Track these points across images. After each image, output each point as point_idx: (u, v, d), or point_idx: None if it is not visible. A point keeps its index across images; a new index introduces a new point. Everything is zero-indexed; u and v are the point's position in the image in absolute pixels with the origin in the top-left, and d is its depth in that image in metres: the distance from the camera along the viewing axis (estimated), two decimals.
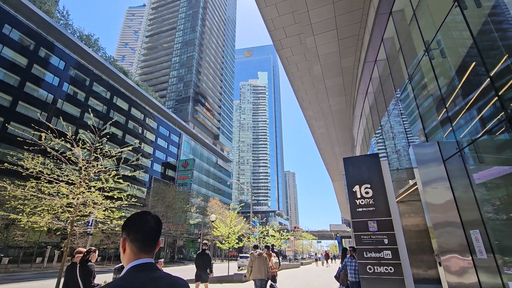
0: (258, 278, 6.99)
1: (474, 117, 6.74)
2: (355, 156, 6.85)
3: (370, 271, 5.02)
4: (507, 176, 5.97)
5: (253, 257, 7.26)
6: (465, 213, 7.01)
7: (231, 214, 17.84)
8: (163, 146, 55.61)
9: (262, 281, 7.02)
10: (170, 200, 42.45)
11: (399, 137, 14.20)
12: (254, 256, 7.23)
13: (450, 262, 6.89)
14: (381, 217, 5.24)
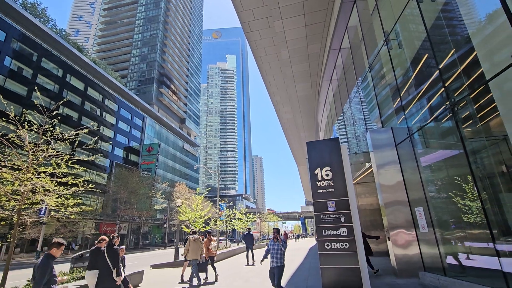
0: (193, 259, 8.22)
1: (424, 106, 7.35)
2: (318, 140, 7.12)
3: (327, 248, 5.38)
4: (448, 159, 6.68)
5: (189, 241, 8.37)
6: (411, 192, 7.77)
7: (198, 198, 17.72)
8: (125, 130, 52.51)
9: (196, 261, 8.28)
10: (134, 185, 40.77)
11: (358, 123, 15.02)
12: (191, 241, 8.35)
13: (397, 236, 7.66)
14: (339, 197, 5.58)
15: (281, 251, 5.45)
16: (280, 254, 5.43)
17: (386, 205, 8.05)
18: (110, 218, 40.06)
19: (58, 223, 30.45)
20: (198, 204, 17.22)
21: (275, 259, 5.44)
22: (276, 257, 5.44)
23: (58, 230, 30.61)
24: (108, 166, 46.01)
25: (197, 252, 8.29)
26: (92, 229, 37.04)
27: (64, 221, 30.74)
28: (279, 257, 5.42)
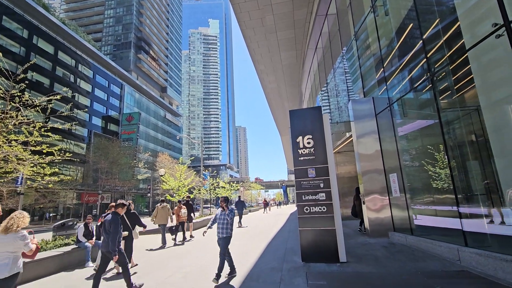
0: (161, 223, 9.46)
1: (405, 77, 7.47)
2: (300, 108, 7.17)
3: (306, 211, 5.66)
4: (423, 129, 6.97)
5: (157, 208, 9.55)
6: (387, 161, 8.15)
7: (181, 168, 17.73)
8: (102, 98, 49.91)
9: (165, 225, 9.53)
10: (115, 156, 39.85)
11: (342, 94, 15.10)
12: (158, 208, 9.53)
13: (371, 201, 8.15)
14: (319, 164, 5.76)
15: (227, 221, 5.03)
16: (226, 224, 5.03)
17: (363, 173, 8.43)
18: (92, 188, 39.57)
19: (37, 193, 29.74)
20: (181, 174, 17.29)
21: (220, 229, 5.02)
22: (222, 227, 5.02)
23: (37, 200, 30.00)
24: (86, 135, 44.33)
25: (164, 217, 9.48)
26: (73, 199, 36.61)
27: (43, 191, 30.02)
28: (225, 227, 5.01)
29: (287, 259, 6.04)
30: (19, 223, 3.32)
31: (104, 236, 4.44)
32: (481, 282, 3.87)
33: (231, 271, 5.12)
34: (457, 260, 4.94)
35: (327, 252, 5.41)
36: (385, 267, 4.93)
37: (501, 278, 3.95)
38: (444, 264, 4.92)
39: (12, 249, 3.19)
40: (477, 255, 4.45)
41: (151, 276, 5.44)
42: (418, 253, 5.78)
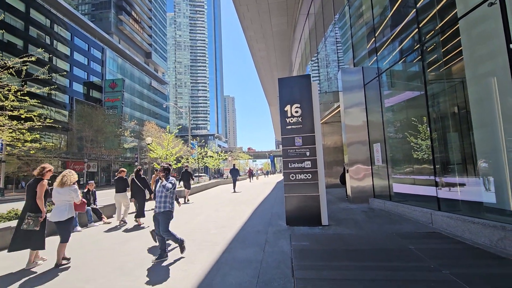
0: None
1: (396, 48, 7.39)
2: (289, 77, 7.05)
3: (292, 179, 5.83)
4: (409, 100, 7.08)
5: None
6: (373, 132, 8.33)
7: (168, 137, 17.54)
8: (82, 62, 47.03)
9: None
10: (99, 124, 38.71)
11: (332, 65, 14.87)
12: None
13: (355, 170, 8.46)
14: (306, 133, 5.83)
15: (165, 194, 4.30)
16: (165, 197, 4.30)
17: (349, 144, 8.63)
18: (77, 157, 38.86)
19: (19, 161, 29.01)
20: (169, 142, 17.14)
21: (158, 203, 4.29)
22: (159, 200, 4.28)
23: (20, 168, 29.37)
24: (67, 102, 42.42)
25: None
26: (58, 167, 36.01)
27: (25, 159, 29.30)
28: (162, 200, 4.28)
29: (273, 223, 6.34)
30: (71, 178, 4.41)
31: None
32: (449, 242, 4.23)
33: (160, 253, 4.21)
34: (429, 223, 5.33)
35: (311, 217, 5.69)
36: (363, 229, 5.27)
37: (467, 238, 4.33)
38: (418, 226, 5.30)
39: (68, 198, 4.31)
40: (448, 218, 4.81)
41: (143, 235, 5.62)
42: (395, 217, 6.18)
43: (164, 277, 3.46)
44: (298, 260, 3.71)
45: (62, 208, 4.21)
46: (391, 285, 2.84)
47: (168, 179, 4.40)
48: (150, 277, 3.50)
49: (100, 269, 3.90)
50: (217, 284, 3.15)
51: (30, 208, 4.16)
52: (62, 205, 4.23)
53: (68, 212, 4.25)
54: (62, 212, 4.19)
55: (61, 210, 4.20)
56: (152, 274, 3.60)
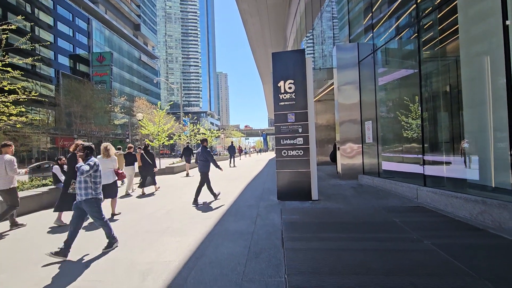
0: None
1: (392, 25, 7.23)
2: (283, 51, 6.86)
3: (284, 155, 5.89)
4: (402, 79, 7.05)
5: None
6: (365, 110, 8.36)
7: (160, 113, 17.24)
8: (67, 34, 44.65)
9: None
10: (88, 99, 37.63)
11: (327, 42, 14.53)
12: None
13: (346, 148, 8.57)
14: (299, 110, 5.81)
15: (84, 178, 3.50)
16: (84, 182, 3.50)
17: (341, 121, 8.67)
18: (67, 133, 38.10)
19: (6, 136, 28.29)
20: (160, 119, 16.89)
21: (78, 189, 3.54)
22: (79, 186, 3.52)
23: None
24: (53, 76, 40.77)
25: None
26: (47, 143, 35.33)
27: (12, 135, 28.58)
28: (82, 186, 3.50)
29: (264, 197, 6.48)
30: (112, 150, 5.51)
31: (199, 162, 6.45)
32: (432, 215, 4.43)
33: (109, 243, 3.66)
34: (415, 198, 5.54)
35: (301, 192, 5.82)
36: (351, 204, 5.45)
37: (449, 212, 4.53)
38: (403, 201, 5.51)
39: (111, 166, 5.44)
40: (432, 193, 5.00)
41: (140, 211, 5.69)
42: (382, 193, 6.39)
43: (157, 248, 3.55)
44: (288, 232, 3.84)
45: (108, 174, 5.32)
46: (376, 254, 2.98)
47: (89, 159, 3.61)
48: (143, 248, 3.58)
49: (96, 242, 3.97)
50: (210, 254, 3.26)
51: (73, 176, 4.77)
52: (107, 171, 5.32)
53: (113, 176, 5.47)
54: (108, 176, 5.34)
55: (107, 175, 5.30)
56: (145, 245, 3.68)
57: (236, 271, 2.77)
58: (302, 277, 2.54)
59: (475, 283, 2.32)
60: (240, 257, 3.14)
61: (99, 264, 3.15)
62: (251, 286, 2.47)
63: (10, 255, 3.62)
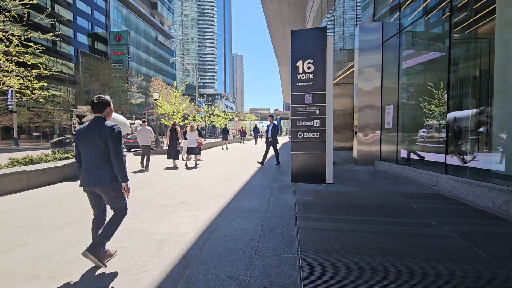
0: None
1: (421, 4, 6.74)
2: (303, 29, 6.53)
3: (300, 137, 5.80)
4: (428, 63, 6.66)
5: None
6: (386, 94, 8.03)
7: (176, 93, 17.33)
8: (85, 12, 44.94)
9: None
10: (106, 78, 38.29)
11: (348, 23, 13.88)
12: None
13: (363, 133, 8.35)
14: (317, 91, 5.64)
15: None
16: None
17: (360, 105, 8.40)
18: None
19: (30, 112, 29.49)
20: (176, 99, 17.00)
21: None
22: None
23: (32, 120, 29.96)
24: (73, 54, 41.54)
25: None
26: (68, 119, 36.60)
27: (36, 111, 29.75)
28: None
29: (278, 179, 6.48)
30: (195, 127, 9.59)
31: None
32: (452, 203, 4.29)
33: None
34: (434, 185, 5.37)
35: (316, 174, 5.77)
36: (367, 188, 5.36)
37: (470, 200, 4.37)
38: (422, 188, 5.36)
39: (196, 137, 9.32)
40: (453, 181, 4.82)
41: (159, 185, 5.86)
42: (399, 179, 6.24)
43: (172, 221, 3.65)
44: (301, 212, 3.84)
45: (193, 141, 9.28)
46: (391, 237, 2.94)
47: None
48: (159, 220, 3.69)
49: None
50: (223, 229, 3.31)
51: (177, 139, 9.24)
52: (193, 140, 9.29)
53: (196, 143, 9.26)
54: (194, 142, 9.26)
55: (193, 142, 9.26)
56: (160, 217, 3.79)
57: (250, 246, 2.81)
58: (315, 255, 2.54)
59: (496, 271, 2.24)
60: (253, 233, 3.17)
61: (117, 232, 3.28)
62: (264, 260, 2.50)
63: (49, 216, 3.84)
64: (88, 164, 2.43)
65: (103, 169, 2.41)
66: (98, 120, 2.48)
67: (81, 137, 2.45)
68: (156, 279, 2.23)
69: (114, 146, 2.38)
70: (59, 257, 2.64)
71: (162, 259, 2.58)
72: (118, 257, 2.63)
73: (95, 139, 2.38)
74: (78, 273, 2.35)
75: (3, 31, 6.87)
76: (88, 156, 2.43)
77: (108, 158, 2.42)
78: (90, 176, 2.41)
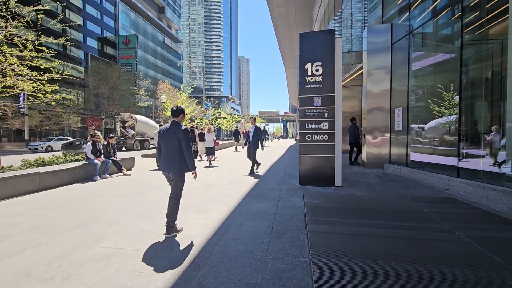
0: None
1: (431, 5, 6.67)
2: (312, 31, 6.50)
3: (308, 139, 5.78)
4: (436, 65, 6.57)
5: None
6: (395, 97, 7.95)
7: (183, 96, 17.48)
8: (95, 16, 45.88)
9: None
10: (114, 81, 38.91)
11: (355, 25, 13.81)
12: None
13: (372, 136, 8.27)
14: (326, 93, 5.62)
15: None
16: None
17: (369, 109, 8.32)
18: (95, 113, 39.90)
19: (41, 115, 30.13)
20: (183, 101, 17.14)
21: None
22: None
23: (43, 122, 30.59)
24: (83, 58, 42.39)
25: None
26: (77, 122, 37.28)
27: (46, 114, 30.37)
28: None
29: (286, 181, 6.46)
30: (212, 129, 10.89)
31: None
32: (465, 207, 4.20)
33: None
34: (446, 189, 5.27)
35: (324, 177, 5.73)
36: (376, 192, 5.30)
37: (484, 205, 4.28)
38: (433, 192, 5.27)
39: (213, 138, 10.62)
40: (466, 185, 4.72)
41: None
42: (410, 182, 6.15)
43: (182, 223, 3.66)
44: (311, 215, 3.81)
45: (211, 141, 10.37)
46: (403, 242, 2.89)
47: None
48: None
49: (125, 214, 4.16)
50: (233, 232, 3.31)
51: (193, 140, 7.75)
52: (210, 140, 10.35)
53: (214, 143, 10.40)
54: (211, 143, 10.40)
55: (211, 142, 10.39)
56: None
57: (260, 249, 2.80)
58: (326, 259, 2.52)
59: None
60: (263, 236, 3.16)
61: (129, 234, 3.31)
62: (275, 264, 2.49)
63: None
64: (165, 156, 3.27)
65: (174, 161, 3.20)
66: (174, 124, 3.28)
67: (162, 135, 3.31)
68: (168, 281, 2.24)
69: (185, 144, 3.19)
70: (72, 258, 2.68)
71: (173, 261, 2.59)
72: (130, 258, 2.65)
73: (172, 138, 3.20)
74: (91, 274, 2.38)
75: (17, 36, 7.06)
76: (166, 150, 3.27)
77: (178, 153, 3.21)
78: (166, 164, 3.25)
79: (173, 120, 3.33)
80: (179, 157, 3.21)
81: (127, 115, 22.94)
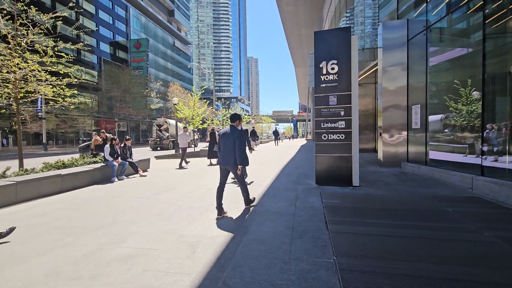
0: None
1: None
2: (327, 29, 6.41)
3: (324, 139, 5.71)
4: (454, 60, 6.37)
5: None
6: (412, 93, 7.76)
7: (194, 97, 17.64)
8: (107, 22, 47.00)
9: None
10: (126, 84, 39.76)
11: (367, 21, 13.58)
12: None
13: (389, 135, 8.10)
14: (342, 92, 5.54)
15: None
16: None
17: (385, 107, 8.15)
18: (108, 116, 40.82)
19: (57, 118, 31.03)
20: (194, 103, 17.29)
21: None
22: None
23: (59, 126, 31.51)
24: (96, 62, 43.46)
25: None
26: (92, 125, 38.22)
27: (62, 117, 31.27)
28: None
29: (301, 181, 6.41)
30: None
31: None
32: (492, 207, 4.05)
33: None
34: (469, 188, 5.10)
35: (341, 177, 5.65)
36: (395, 191, 5.18)
37: (511, 204, 4.11)
38: (456, 191, 5.11)
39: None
40: (492, 183, 4.55)
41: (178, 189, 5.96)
42: (430, 181, 5.99)
43: (201, 223, 3.68)
44: (330, 215, 3.76)
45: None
46: (427, 242, 2.81)
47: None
48: (189, 222, 3.74)
49: (144, 214, 4.22)
50: (253, 232, 3.30)
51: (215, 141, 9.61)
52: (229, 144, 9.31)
53: None
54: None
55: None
56: (190, 220, 3.84)
57: (282, 250, 2.78)
58: (351, 260, 2.47)
59: None
60: (284, 236, 3.14)
61: (150, 234, 3.35)
62: (299, 265, 2.46)
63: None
64: (224, 152, 4.04)
65: (231, 156, 3.95)
66: (232, 127, 4.05)
67: (222, 137, 4.08)
68: (194, 281, 2.25)
69: (239, 143, 3.91)
70: (98, 258, 2.73)
71: (197, 261, 2.60)
72: (154, 258, 2.68)
73: (229, 138, 3.96)
74: (118, 273, 2.41)
75: (37, 43, 7.29)
76: (224, 147, 4.03)
77: (234, 151, 3.92)
78: (225, 159, 4.02)
79: (231, 125, 4.09)
80: (234, 154, 3.93)
81: (162, 119, 26.49)
